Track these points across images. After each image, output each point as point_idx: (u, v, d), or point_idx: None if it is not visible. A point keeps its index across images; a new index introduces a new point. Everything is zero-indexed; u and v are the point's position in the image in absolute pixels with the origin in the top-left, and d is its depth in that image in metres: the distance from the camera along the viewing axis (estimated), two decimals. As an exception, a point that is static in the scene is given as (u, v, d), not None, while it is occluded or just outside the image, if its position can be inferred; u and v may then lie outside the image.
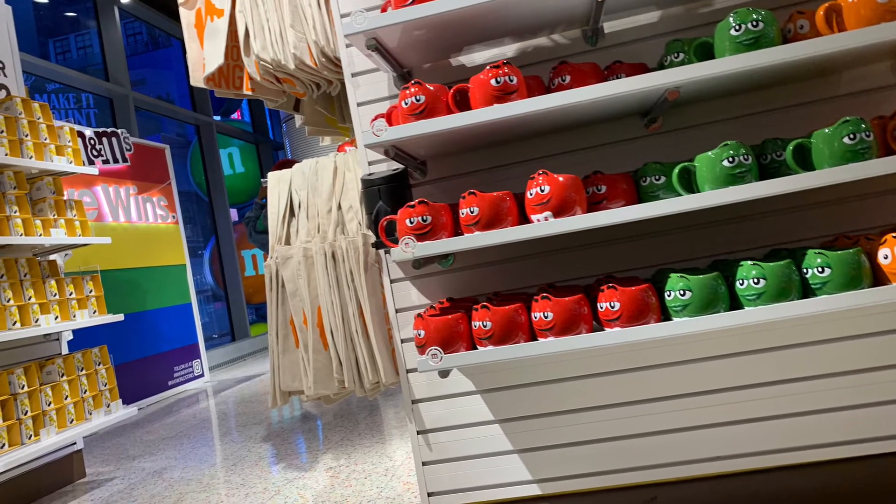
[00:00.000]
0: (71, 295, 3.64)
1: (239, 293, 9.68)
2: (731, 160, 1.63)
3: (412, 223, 1.78)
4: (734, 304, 1.67)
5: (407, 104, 1.80)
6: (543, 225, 1.69)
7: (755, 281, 1.60)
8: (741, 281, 1.63)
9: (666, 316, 1.71)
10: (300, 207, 2.83)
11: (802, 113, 2.00)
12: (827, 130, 1.62)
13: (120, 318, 3.88)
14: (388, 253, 2.18)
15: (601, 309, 1.69)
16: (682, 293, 1.64)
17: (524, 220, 1.80)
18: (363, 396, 3.98)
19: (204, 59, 3.24)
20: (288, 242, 2.83)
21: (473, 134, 1.89)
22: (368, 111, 2.20)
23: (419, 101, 1.79)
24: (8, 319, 3.21)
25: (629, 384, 2.06)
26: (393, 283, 2.20)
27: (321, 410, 4.69)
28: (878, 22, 1.61)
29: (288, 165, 3.02)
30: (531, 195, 1.73)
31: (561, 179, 1.70)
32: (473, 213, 1.74)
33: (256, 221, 3.61)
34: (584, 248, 2.10)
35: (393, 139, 1.78)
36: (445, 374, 1.88)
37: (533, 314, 1.73)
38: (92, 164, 5.75)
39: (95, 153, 5.83)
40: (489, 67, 1.76)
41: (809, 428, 1.98)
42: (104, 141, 5.94)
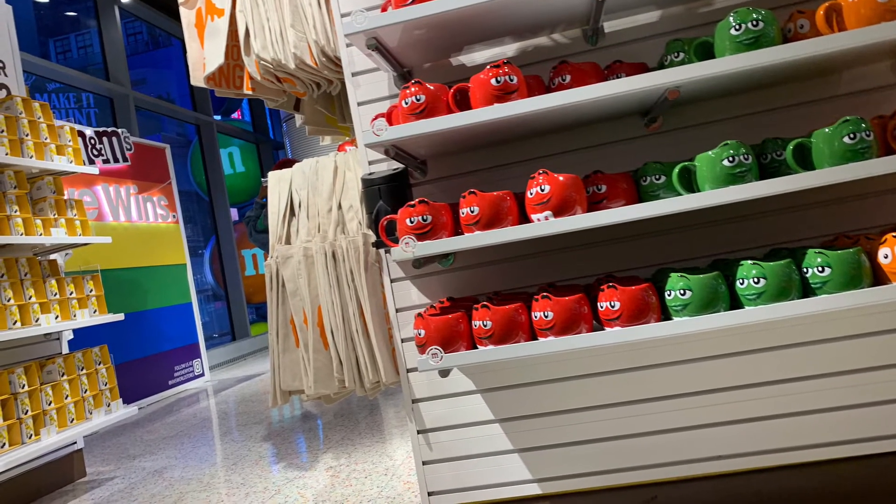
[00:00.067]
0: (71, 294, 3.64)
1: (239, 292, 9.68)
2: (731, 160, 1.63)
3: (412, 223, 1.78)
4: (734, 303, 1.67)
5: (407, 104, 1.80)
6: (543, 224, 1.69)
7: (755, 280, 1.61)
8: (741, 280, 1.63)
9: (666, 315, 1.71)
10: (300, 207, 2.83)
11: (802, 112, 2.00)
12: (827, 130, 1.62)
13: (120, 317, 3.89)
14: (388, 252, 2.18)
15: (601, 308, 1.69)
16: (682, 293, 1.64)
17: (524, 219, 1.80)
18: (363, 396, 3.98)
19: (204, 58, 3.24)
20: (288, 242, 2.83)
21: (474, 133, 1.89)
22: (369, 111, 2.21)
23: (419, 100, 1.79)
24: (8, 319, 3.21)
25: (629, 383, 2.06)
26: (393, 282, 2.20)
27: (321, 410, 4.69)
28: (878, 21, 1.61)
29: (288, 165, 3.02)
30: (531, 195, 1.73)
31: (561, 179, 1.70)
32: (474, 212, 1.74)
33: (257, 221, 3.61)
34: (584, 247, 2.10)
35: (393, 139, 1.78)
36: (446, 373, 1.89)
37: (533, 314, 1.73)
38: (92, 163, 5.75)
39: (96, 153, 5.83)
40: (489, 67, 1.76)
41: (810, 427, 1.98)
42: (104, 140, 5.94)
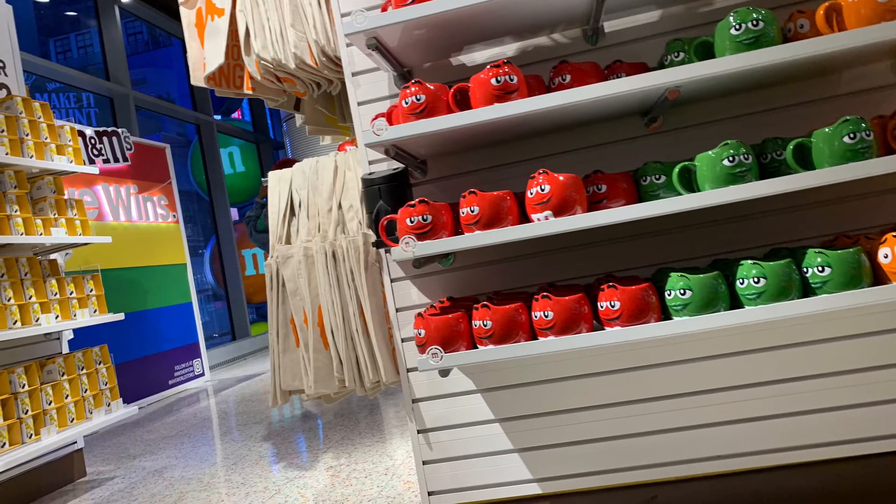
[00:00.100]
0: (71, 294, 3.64)
1: (239, 292, 9.68)
2: (731, 159, 1.63)
3: (412, 222, 1.78)
4: (734, 303, 1.67)
5: (407, 103, 1.80)
6: (544, 224, 1.69)
7: (755, 280, 1.61)
8: (741, 280, 1.63)
9: (666, 315, 1.71)
10: (301, 207, 2.83)
11: (802, 112, 2.00)
12: (827, 130, 1.62)
13: (120, 317, 3.89)
14: (388, 252, 2.18)
15: (601, 308, 1.69)
16: (682, 292, 1.64)
17: (524, 219, 1.80)
18: (363, 395, 3.99)
19: (204, 58, 3.24)
20: (288, 242, 2.83)
21: (474, 133, 1.89)
22: (369, 110, 2.21)
23: (419, 100, 1.79)
24: (9, 318, 3.21)
25: (629, 383, 2.06)
26: (393, 282, 2.20)
27: (321, 409, 4.69)
28: (878, 21, 1.61)
29: (288, 165, 3.02)
30: (531, 194, 1.73)
31: (561, 179, 1.70)
32: (474, 212, 1.74)
33: (257, 220, 3.62)
34: (584, 247, 2.10)
35: (393, 138, 1.78)
36: (446, 373, 1.89)
37: (533, 313, 1.73)
38: (92, 163, 5.75)
39: (96, 152, 5.83)
40: (489, 67, 1.76)
41: (809, 427, 1.98)
42: (105, 140, 5.94)
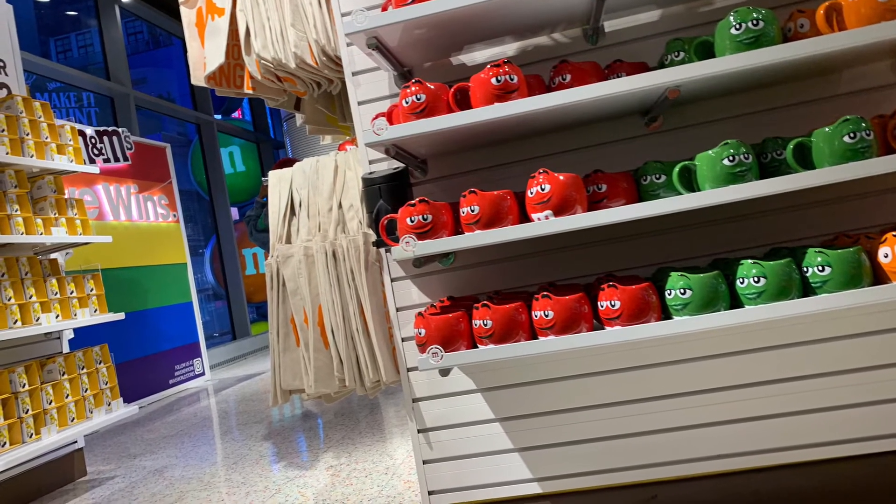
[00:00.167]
0: (72, 293, 3.65)
1: (240, 292, 9.69)
2: (731, 159, 1.63)
3: (413, 222, 1.78)
4: (734, 302, 1.67)
5: (408, 103, 1.80)
6: (544, 224, 1.69)
7: (755, 279, 1.61)
8: (741, 279, 1.63)
9: (666, 314, 1.71)
10: (301, 206, 2.83)
11: (803, 112, 2.00)
12: (827, 129, 1.62)
13: (121, 316, 3.89)
14: (388, 251, 2.18)
15: (601, 307, 1.69)
16: (682, 292, 1.64)
17: (525, 218, 1.80)
18: (364, 395, 3.98)
19: (205, 57, 3.24)
20: (289, 241, 2.83)
21: (474, 133, 1.89)
22: (369, 110, 2.21)
23: (420, 99, 1.79)
24: (9, 318, 3.21)
25: (629, 383, 2.06)
26: (393, 281, 2.20)
27: (322, 409, 4.70)
28: (878, 21, 1.61)
29: (289, 164, 3.02)
30: (532, 194, 1.73)
31: (561, 178, 1.70)
32: (474, 211, 1.74)
33: (257, 220, 3.62)
34: (584, 246, 2.10)
35: (393, 138, 1.78)
36: (446, 372, 1.89)
37: (533, 313, 1.73)
38: (93, 162, 5.75)
39: (96, 152, 5.83)
40: (490, 66, 1.76)
41: (810, 426, 1.98)
42: (105, 140, 5.94)
